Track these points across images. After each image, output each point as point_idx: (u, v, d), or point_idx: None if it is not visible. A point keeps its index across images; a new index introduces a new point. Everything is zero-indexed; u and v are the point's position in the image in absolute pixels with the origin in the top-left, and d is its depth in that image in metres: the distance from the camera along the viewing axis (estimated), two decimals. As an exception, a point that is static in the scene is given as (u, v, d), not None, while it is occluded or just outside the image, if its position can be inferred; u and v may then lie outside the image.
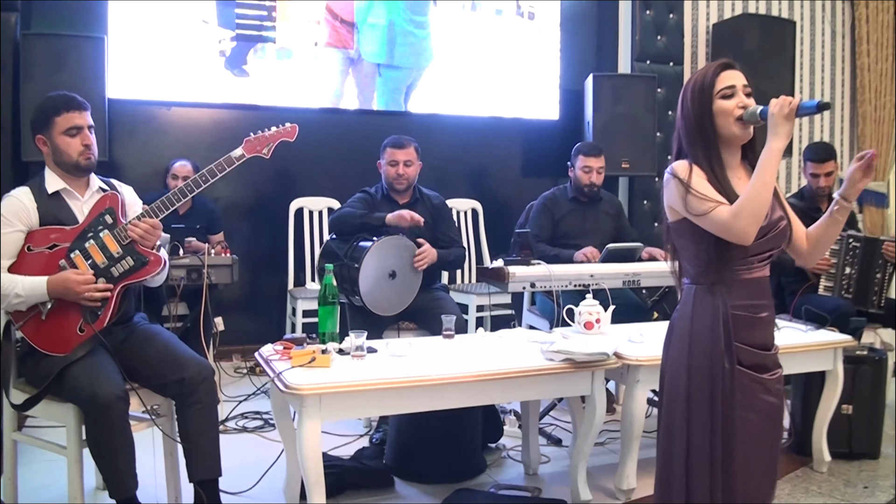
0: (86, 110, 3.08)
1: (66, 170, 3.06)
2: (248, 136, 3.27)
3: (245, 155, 3.24)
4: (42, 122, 3.04)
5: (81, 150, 3.03)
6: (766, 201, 2.15)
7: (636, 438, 3.35)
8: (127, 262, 3.01)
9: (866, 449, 3.91)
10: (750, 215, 2.14)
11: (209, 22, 5.59)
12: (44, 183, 3.05)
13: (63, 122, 3.01)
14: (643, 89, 6.25)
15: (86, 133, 3.06)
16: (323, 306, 3.31)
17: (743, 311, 2.27)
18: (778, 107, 2.14)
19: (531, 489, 3.45)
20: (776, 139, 2.15)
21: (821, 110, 2.14)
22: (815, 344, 3.64)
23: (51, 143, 3.03)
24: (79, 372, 2.82)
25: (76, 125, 3.03)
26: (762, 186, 2.14)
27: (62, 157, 3.03)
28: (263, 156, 3.30)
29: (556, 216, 4.91)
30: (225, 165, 3.18)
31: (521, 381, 3.08)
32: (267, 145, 3.29)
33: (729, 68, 2.31)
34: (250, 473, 3.46)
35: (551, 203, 4.95)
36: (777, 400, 2.33)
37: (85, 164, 3.06)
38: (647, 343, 3.41)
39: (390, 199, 4.45)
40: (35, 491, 3.37)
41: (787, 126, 2.15)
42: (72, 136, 3.02)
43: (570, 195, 4.98)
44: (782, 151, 2.16)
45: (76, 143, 3.03)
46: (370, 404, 2.91)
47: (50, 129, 3.02)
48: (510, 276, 4.00)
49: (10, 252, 2.93)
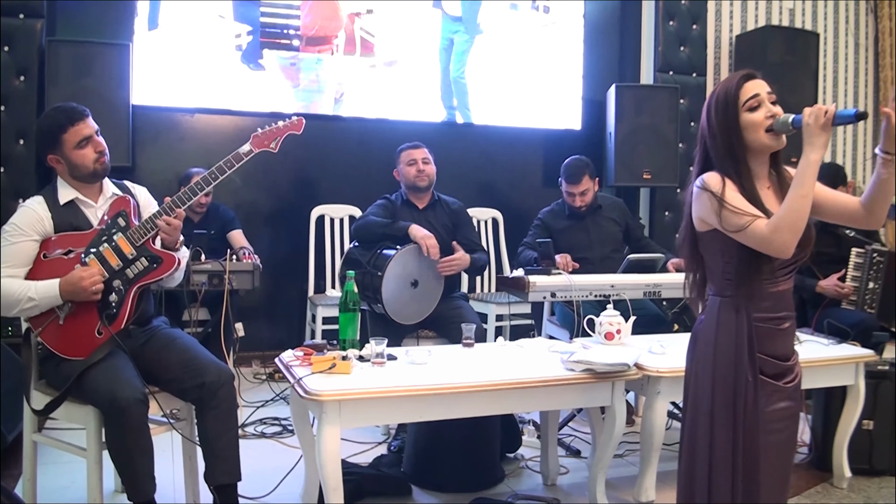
0: (87, 116, 3.08)
1: (84, 179, 3.08)
2: (256, 132, 3.25)
3: (253, 150, 3.20)
4: (50, 141, 3.03)
5: (95, 157, 3.06)
6: (804, 214, 2.11)
7: (656, 450, 3.32)
8: (141, 263, 3.02)
9: (887, 465, 3.86)
10: (788, 229, 2.10)
11: (225, 17, 5.63)
12: (56, 194, 3.07)
13: (72, 136, 3.01)
14: (666, 100, 6.24)
15: (95, 140, 3.07)
16: (344, 313, 3.31)
17: (766, 324, 2.26)
18: (813, 117, 2.10)
19: (549, 500, 3.44)
20: (813, 150, 2.11)
21: (859, 119, 2.10)
22: (837, 358, 3.60)
23: (65, 160, 3.04)
24: (99, 375, 2.83)
25: (85, 136, 3.03)
26: (800, 199, 2.10)
27: (78, 170, 3.05)
28: (271, 150, 3.23)
29: (554, 231, 4.82)
30: (234, 161, 3.14)
31: (540, 391, 3.06)
32: (275, 139, 3.25)
33: (751, 79, 2.28)
34: (269, 479, 3.45)
35: (549, 218, 4.91)
36: (794, 404, 2.33)
37: (101, 170, 3.09)
38: (668, 354, 3.39)
39: (410, 205, 4.46)
40: (54, 492, 3.38)
41: (824, 136, 2.10)
42: (83, 148, 3.03)
43: (567, 212, 4.92)
44: (819, 162, 2.12)
45: (90, 153, 3.04)
46: (389, 411, 2.91)
47: (61, 147, 3.02)
48: (530, 285, 3.99)
49: (24, 261, 2.96)
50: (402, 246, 4.07)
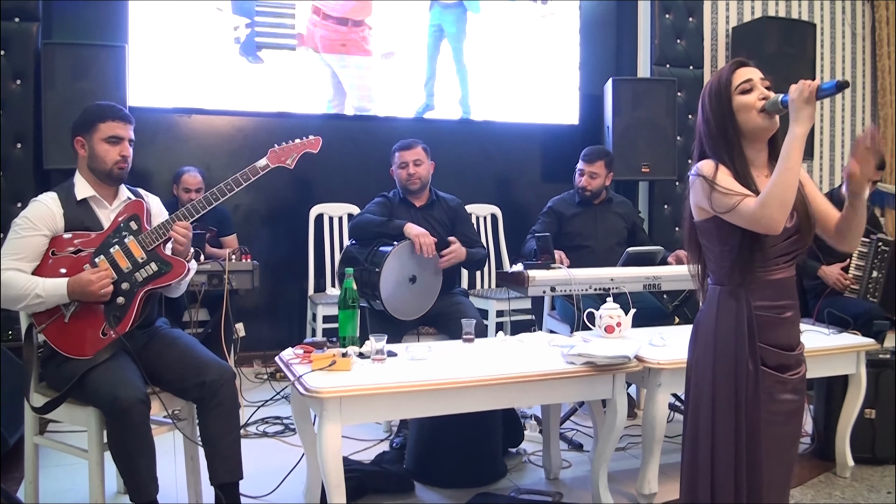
0: (130, 124, 3.13)
1: (98, 176, 3.09)
2: (273, 147, 3.32)
3: (269, 165, 3.31)
4: (85, 124, 3.08)
5: (118, 160, 3.08)
6: (792, 188, 2.12)
7: (658, 442, 3.32)
8: (151, 268, 3.03)
9: (890, 454, 3.86)
10: (777, 203, 2.10)
11: (223, 10, 5.63)
12: (73, 189, 3.08)
13: (106, 128, 3.05)
14: (663, 93, 6.23)
15: (125, 145, 3.10)
16: (343, 310, 3.32)
17: (767, 312, 2.26)
18: (797, 91, 2.13)
19: (552, 494, 3.44)
20: (798, 124, 2.12)
21: (840, 89, 2.12)
22: (838, 347, 3.61)
23: (88, 147, 3.07)
24: (100, 375, 2.83)
25: (118, 135, 3.07)
26: (787, 172, 2.11)
27: (97, 162, 3.07)
28: (287, 166, 3.36)
29: (564, 219, 4.91)
30: (250, 175, 3.23)
31: (541, 385, 3.06)
32: (291, 156, 3.35)
33: (743, 66, 2.31)
34: (271, 478, 3.46)
35: (559, 206, 4.97)
36: (798, 398, 2.32)
37: (118, 174, 3.10)
38: (669, 346, 3.39)
39: (407, 203, 4.46)
40: (56, 494, 3.38)
41: (808, 109, 2.12)
42: (112, 145, 3.06)
43: (578, 199, 4.99)
44: (805, 136, 2.13)
45: (114, 153, 3.06)
46: (390, 407, 2.90)
47: (92, 133, 3.06)
48: (530, 280, 3.98)
49: (33, 255, 2.95)
50: (399, 242, 4.07)
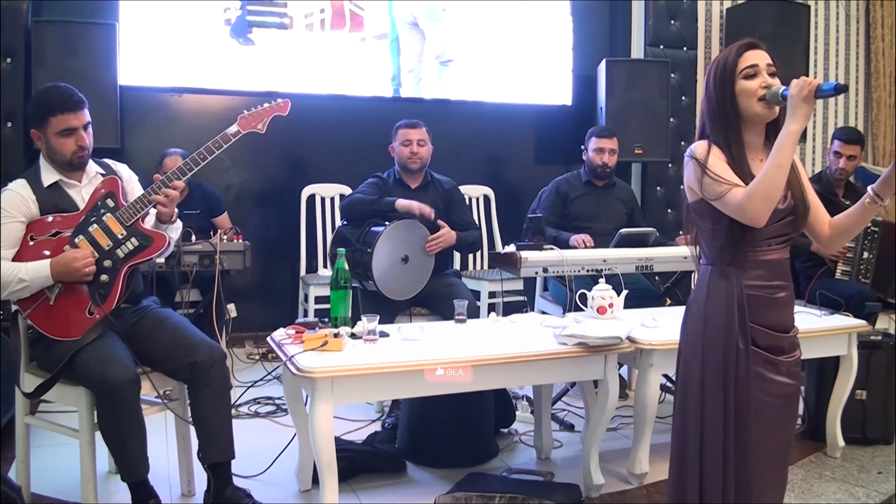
0: (81, 109, 3.04)
1: (59, 165, 3.07)
2: (243, 113, 3.26)
3: (241, 131, 3.22)
4: (37, 118, 3.02)
5: (75, 149, 3.03)
6: (779, 184, 2.11)
7: (649, 423, 3.33)
8: (132, 243, 3.01)
9: (880, 434, 3.89)
10: (762, 198, 2.11)
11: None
12: (39, 175, 3.06)
13: (57, 123, 2.99)
14: (656, 74, 6.22)
15: (80, 134, 3.04)
16: (335, 291, 3.31)
17: (758, 292, 2.25)
18: (797, 88, 2.11)
19: (544, 473, 3.44)
20: (794, 121, 2.11)
21: (839, 93, 2.11)
22: (830, 329, 3.62)
23: (45, 140, 3.03)
24: (90, 355, 2.83)
25: (70, 126, 3.01)
26: (777, 169, 2.10)
27: (55, 155, 3.04)
28: (258, 131, 3.26)
29: (569, 199, 4.91)
30: (221, 142, 3.15)
31: (533, 365, 3.06)
32: (261, 120, 3.27)
33: (753, 48, 2.28)
34: (263, 458, 3.46)
35: (565, 186, 4.96)
36: (793, 381, 2.32)
37: (77, 163, 3.07)
38: (661, 327, 3.39)
39: (402, 184, 4.43)
40: (48, 474, 3.38)
41: (806, 108, 2.11)
42: (66, 137, 3.01)
43: (584, 179, 4.98)
44: (800, 134, 2.12)
45: (70, 144, 3.02)
46: (382, 387, 2.91)
47: (45, 128, 3.01)
48: (523, 261, 3.98)
49: (11, 242, 2.94)
50: (391, 222, 4.05)
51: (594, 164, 4.91)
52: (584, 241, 4.49)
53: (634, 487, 3.40)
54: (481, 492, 3.10)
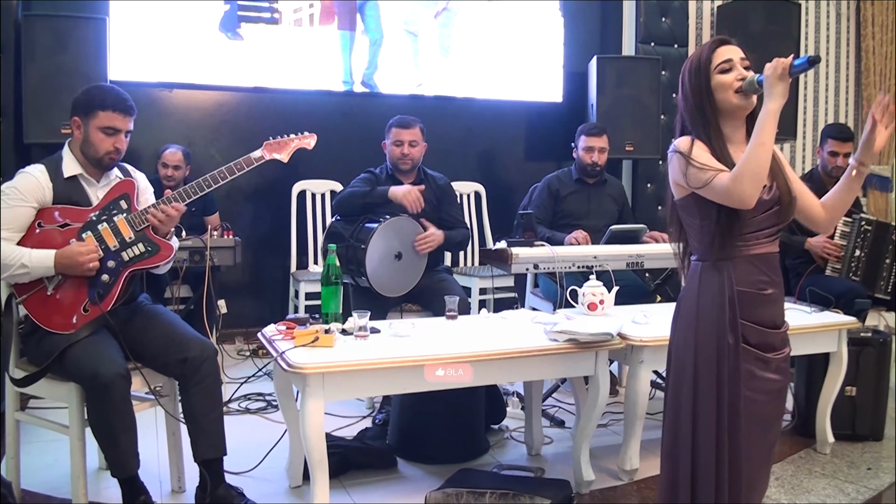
0: (130, 115, 3.08)
1: (88, 160, 3.06)
2: (269, 140, 3.37)
3: (265, 157, 3.34)
4: (85, 107, 3.02)
5: (111, 150, 3.04)
6: (765, 162, 2.14)
7: (640, 419, 3.34)
8: (138, 248, 3.02)
9: (869, 431, 3.91)
10: (749, 177, 2.12)
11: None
12: (61, 165, 3.05)
13: (105, 118, 3.00)
14: (647, 72, 6.23)
15: (121, 137, 3.06)
16: (326, 286, 3.30)
17: (748, 288, 2.26)
18: (771, 68, 2.14)
19: (534, 469, 3.45)
20: (772, 100, 2.13)
21: (812, 65, 2.13)
22: (820, 325, 3.62)
23: (84, 131, 3.03)
24: (80, 351, 2.82)
25: (115, 127, 3.02)
26: (760, 147, 2.12)
27: (90, 148, 3.03)
28: (281, 160, 3.40)
29: (560, 197, 4.91)
30: (244, 165, 3.26)
31: (524, 361, 3.07)
32: (285, 150, 3.42)
33: (725, 44, 2.32)
34: (254, 454, 3.46)
35: (556, 183, 4.96)
36: (781, 378, 2.33)
37: (107, 164, 3.08)
38: (652, 324, 3.40)
39: (395, 180, 4.42)
40: (38, 470, 3.37)
41: (781, 86, 2.13)
42: (107, 135, 3.02)
43: (575, 177, 4.98)
44: (779, 112, 2.14)
45: (108, 143, 3.03)
46: (373, 383, 2.90)
47: (89, 119, 3.01)
48: (513, 257, 3.98)
49: (19, 226, 2.93)
50: (385, 218, 4.05)
51: (584, 162, 4.92)
52: (583, 238, 4.48)
53: (625, 483, 3.41)
54: (472, 488, 3.10)
